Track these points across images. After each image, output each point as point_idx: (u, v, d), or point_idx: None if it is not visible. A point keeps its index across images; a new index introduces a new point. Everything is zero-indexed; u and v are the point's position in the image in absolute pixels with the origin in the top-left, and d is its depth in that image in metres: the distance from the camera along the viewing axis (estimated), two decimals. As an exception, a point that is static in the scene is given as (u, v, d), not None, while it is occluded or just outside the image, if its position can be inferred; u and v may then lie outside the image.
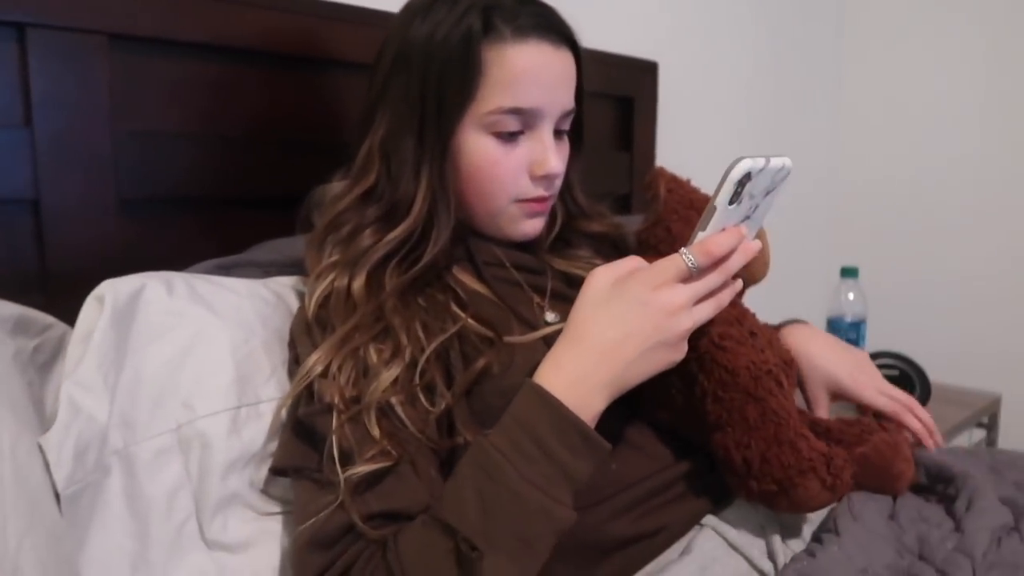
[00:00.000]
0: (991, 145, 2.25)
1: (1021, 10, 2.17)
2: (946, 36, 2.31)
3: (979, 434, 1.78)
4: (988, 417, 1.75)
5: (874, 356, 1.54)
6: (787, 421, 0.77)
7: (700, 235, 0.69)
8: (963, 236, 2.31)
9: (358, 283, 0.81)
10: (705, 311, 0.71)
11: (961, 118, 2.30)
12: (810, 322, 1.09)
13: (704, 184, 0.91)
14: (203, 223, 1.08)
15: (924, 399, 1.47)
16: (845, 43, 2.49)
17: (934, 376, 1.51)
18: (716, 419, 0.80)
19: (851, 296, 1.72)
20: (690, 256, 0.68)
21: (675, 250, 0.70)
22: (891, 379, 1.47)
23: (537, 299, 0.90)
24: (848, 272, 1.75)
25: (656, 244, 0.89)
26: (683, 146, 1.88)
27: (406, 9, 0.87)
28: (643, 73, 1.74)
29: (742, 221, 0.72)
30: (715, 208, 0.67)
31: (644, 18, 1.83)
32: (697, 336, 0.77)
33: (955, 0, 2.28)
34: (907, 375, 1.50)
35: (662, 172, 0.94)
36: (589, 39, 0.90)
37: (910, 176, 2.40)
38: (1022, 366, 2.19)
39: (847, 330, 1.71)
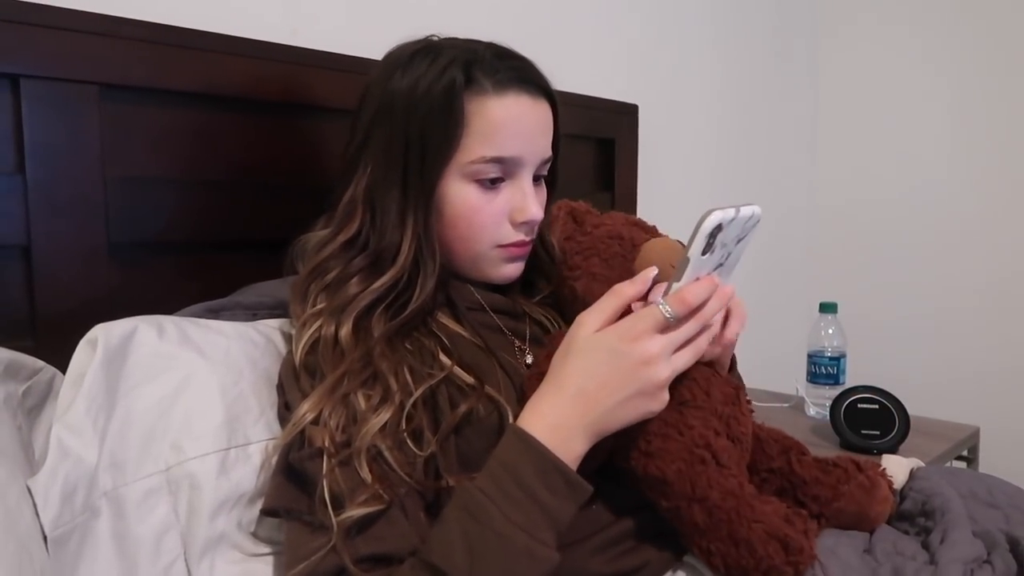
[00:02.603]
0: (965, 181, 2.31)
1: (989, 50, 2.24)
2: (919, 73, 2.37)
3: (960, 467, 1.80)
4: (969, 450, 1.77)
5: (853, 390, 1.56)
6: (736, 510, 0.75)
7: (676, 286, 0.71)
8: (940, 271, 2.35)
9: (345, 330, 0.82)
10: (684, 359, 0.73)
11: (935, 152, 2.36)
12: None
13: (684, 222, 0.93)
14: (190, 266, 1.09)
15: (903, 433, 1.49)
16: (820, 80, 2.56)
17: (913, 409, 1.53)
18: (678, 527, 0.80)
19: (831, 331, 1.75)
20: (667, 306, 0.70)
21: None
22: (870, 413, 1.51)
23: (518, 343, 0.92)
24: (827, 307, 1.77)
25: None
26: (663, 184, 1.92)
27: (386, 62, 0.90)
28: (624, 115, 1.78)
29: (715, 269, 0.75)
30: (688, 259, 0.70)
31: (624, 63, 1.88)
32: (624, 441, 0.78)
33: (927, 37, 2.35)
34: (886, 409, 1.52)
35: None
36: (572, 84, 0.92)
37: (886, 212, 2.45)
38: (999, 399, 2.22)
39: (827, 364, 1.73)
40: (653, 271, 0.75)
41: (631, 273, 0.81)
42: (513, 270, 0.92)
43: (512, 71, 0.86)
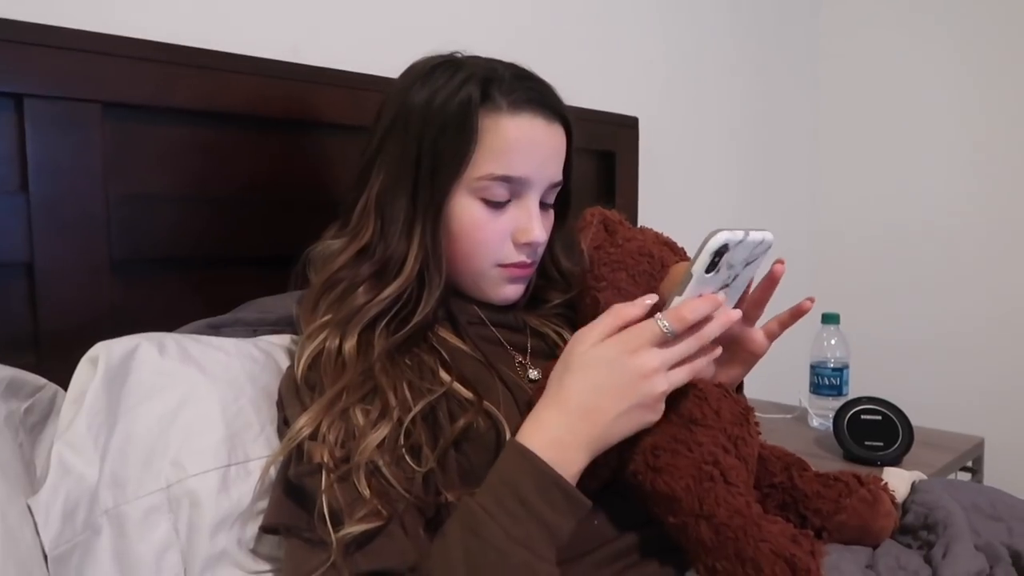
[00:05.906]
0: (966, 190, 2.31)
1: (991, 71, 2.25)
2: (923, 88, 2.38)
3: (964, 477, 1.79)
4: (973, 461, 1.77)
5: (856, 401, 1.56)
6: (743, 529, 0.74)
7: (677, 300, 0.72)
8: (942, 280, 2.35)
9: (349, 344, 0.82)
10: (680, 375, 0.74)
11: (936, 162, 2.36)
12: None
13: (685, 236, 0.94)
14: (192, 282, 1.10)
15: (907, 444, 1.49)
16: (823, 92, 2.56)
17: (917, 420, 1.53)
18: (683, 544, 0.79)
19: (833, 342, 1.75)
20: (664, 321, 0.71)
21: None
22: (873, 424, 1.51)
23: (519, 357, 0.92)
24: (829, 318, 1.77)
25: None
26: (664, 198, 1.92)
27: (407, 73, 0.91)
28: (624, 128, 1.79)
29: (721, 289, 0.75)
30: (691, 275, 0.70)
31: (624, 75, 1.89)
32: (631, 455, 0.79)
33: (930, 56, 2.35)
34: (889, 420, 1.51)
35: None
36: (572, 97, 0.93)
37: (889, 223, 2.45)
38: (1004, 409, 2.21)
39: (830, 375, 1.73)
40: (653, 298, 0.75)
41: (656, 293, 0.82)
42: (513, 291, 0.93)
43: (529, 92, 0.87)
